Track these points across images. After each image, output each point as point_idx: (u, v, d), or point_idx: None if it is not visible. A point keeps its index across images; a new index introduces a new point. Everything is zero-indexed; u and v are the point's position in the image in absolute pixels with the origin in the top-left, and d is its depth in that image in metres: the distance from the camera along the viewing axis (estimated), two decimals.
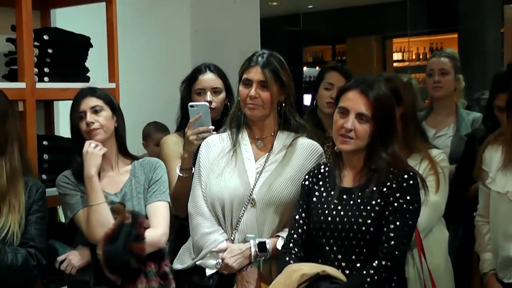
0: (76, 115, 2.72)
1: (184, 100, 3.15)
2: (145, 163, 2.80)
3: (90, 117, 2.69)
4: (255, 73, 2.65)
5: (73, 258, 2.69)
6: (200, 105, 2.89)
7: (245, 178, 2.65)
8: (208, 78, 3.13)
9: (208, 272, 2.63)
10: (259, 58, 2.68)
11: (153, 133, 3.90)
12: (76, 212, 2.70)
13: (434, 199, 2.79)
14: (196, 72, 3.16)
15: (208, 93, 3.09)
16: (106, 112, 2.73)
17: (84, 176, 2.67)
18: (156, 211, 2.69)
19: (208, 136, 2.81)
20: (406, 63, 10.89)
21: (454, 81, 3.86)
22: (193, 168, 2.86)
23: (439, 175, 2.83)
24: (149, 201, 2.71)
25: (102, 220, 2.60)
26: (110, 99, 2.80)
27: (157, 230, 2.63)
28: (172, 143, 3.08)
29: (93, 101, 2.72)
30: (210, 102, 3.05)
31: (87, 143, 2.68)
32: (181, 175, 2.89)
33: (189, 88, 3.15)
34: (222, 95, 3.12)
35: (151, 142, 3.88)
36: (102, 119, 2.71)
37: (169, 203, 2.74)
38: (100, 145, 2.69)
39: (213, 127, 2.84)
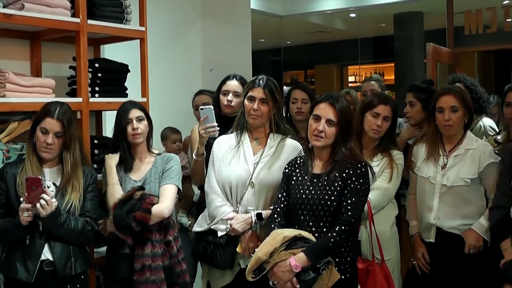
0: (125, 120, 2.73)
1: (215, 98, 3.16)
2: (164, 157, 2.80)
3: (136, 124, 2.71)
4: (258, 92, 2.66)
5: (107, 225, 2.69)
6: (207, 108, 2.87)
7: (246, 167, 2.67)
8: (232, 84, 3.10)
9: (220, 234, 2.65)
10: (261, 81, 2.68)
11: (170, 134, 3.87)
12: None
13: (386, 186, 2.79)
14: (226, 78, 3.15)
15: (230, 95, 3.07)
16: (145, 121, 2.76)
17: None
18: (164, 191, 2.67)
19: (213, 130, 2.80)
20: (358, 84, 10.92)
21: None
22: (205, 153, 2.86)
23: (393, 169, 2.82)
24: (161, 184, 2.70)
25: (113, 197, 2.64)
26: (147, 112, 2.82)
27: (161, 205, 2.61)
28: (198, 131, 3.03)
29: (138, 112, 2.74)
30: (230, 101, 3.04)
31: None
32: (195, 158, 2.90)
33: (219, 89, 3.14)
34: (241, 98, 2.98)
35: (168, 141, 3.86)
36: (143, 126, 2.74)
37: (176, 185, 2.71)
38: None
39: (216, 124, 2.81)
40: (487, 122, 3.63)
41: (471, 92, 3.68)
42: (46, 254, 2.46)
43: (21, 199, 2.38)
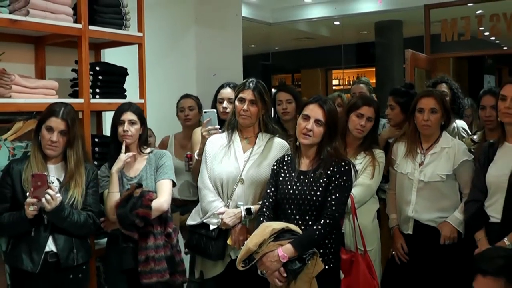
0: (118, 121, 2.74)
1: (212, 104, 3.21)
2: (157, 154, 2.80)
3: (127, 126, 2.72)
4: (248, 94, 2.66)
5: (109, 221, 2.71)
6: (210, 111, 2.89)
7: (236, 164, 2.67)
8: (226, 92, 3.17)
9: (212, 227, 2.66)
10: (251, 84, 2.69)
11: None
12: (102, 191, 2.72)
13: (368, 183, 2.80)
14: (221, 87, 3.22)
15: (225, 102, 3.13)
16: (137, 125, 2.75)
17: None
18: (161, 186, 2.68)
19: (215, 132, 2.82)
20: (341, 87, 10.98)
21: None
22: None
23: (375, 167, 2.82)
24: (157, 180, 2.71)
25: (112, 203, 2.63)
26: (142, 116, 2.80)
27: (161, 199, 2.63)
28: (199, 134, 3.02)
29: (131, 116, 2.74)
30: (225, 108, 3.09)
31: (123, 150, 2.70)
32: (197, 158, 2.92)
33: (215, 97, 3.19)
34: None
35: None
36: (133, 130, 2.73)
37: (172, 180, 2.72)
38: (131, 154, 2.72)
39: (218, 126, 2.84)
40: (460, 123, 3.68)
41: (454, 95, 3.72)
42: (50, 246, 2.46)
43: (27, 194, 2.37)
